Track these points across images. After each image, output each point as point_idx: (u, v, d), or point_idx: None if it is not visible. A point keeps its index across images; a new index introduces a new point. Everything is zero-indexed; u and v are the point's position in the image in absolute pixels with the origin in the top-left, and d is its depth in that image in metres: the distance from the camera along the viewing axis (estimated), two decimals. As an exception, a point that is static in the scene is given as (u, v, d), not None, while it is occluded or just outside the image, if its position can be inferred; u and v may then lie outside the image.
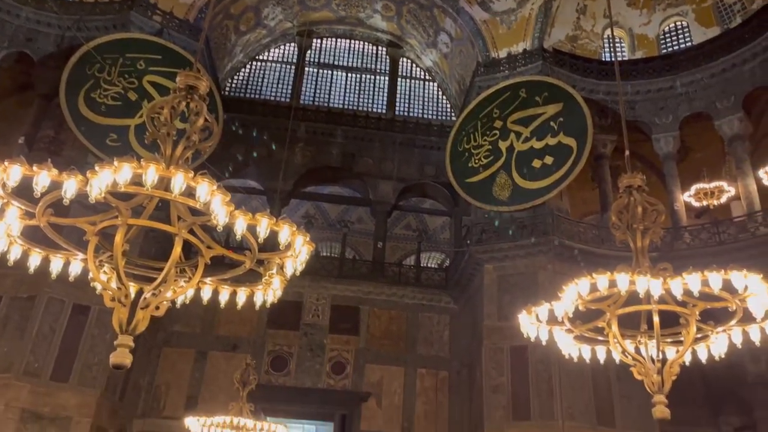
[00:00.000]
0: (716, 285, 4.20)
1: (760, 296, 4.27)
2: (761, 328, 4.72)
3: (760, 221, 18.25)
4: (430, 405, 21.23)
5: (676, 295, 4.35)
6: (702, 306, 4.56)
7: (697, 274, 4.25)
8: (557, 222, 19.20)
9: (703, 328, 4.90)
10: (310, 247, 3.99)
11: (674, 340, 5.09)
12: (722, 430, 20.95)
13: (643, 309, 4.75)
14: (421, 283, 23.27)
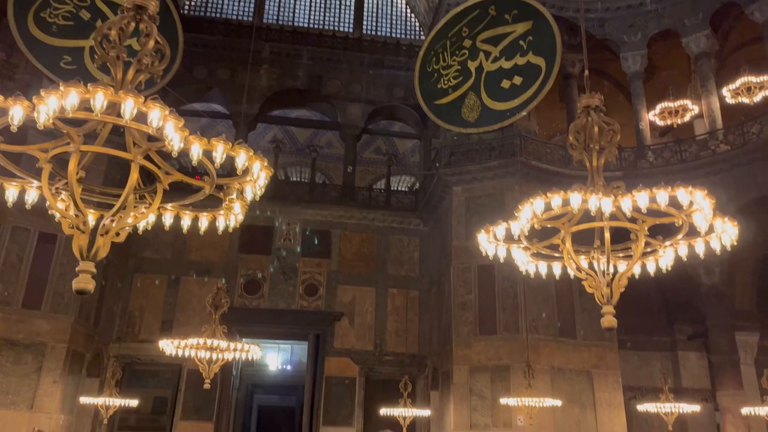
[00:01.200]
0: (663, 201, 4.38)
1: (704, 211, 4.48)
2: (705, 241, 4.98)
3: (720, 139, 18.65)
4: (400, 322, 22.01)
5: (626, 212, 4.52)
6: (651, 222, 4.76)
7: (646, 191, 4.41)
8: (525, 143, 19.36)
9: (652, 242, 5.13)
10: (268, 172, 4.00)
11: (625, 255, 5.32)
12: (676, 337, 22.32)
13: (596, 226, 4.95)
14: (392, 206, 23.52)
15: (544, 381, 16.73)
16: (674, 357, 22.08)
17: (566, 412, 16.80)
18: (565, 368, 17.62)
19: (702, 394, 20.76)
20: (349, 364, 21.10)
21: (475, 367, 17.77)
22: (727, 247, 4.94)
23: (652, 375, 19.75)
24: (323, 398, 20.60)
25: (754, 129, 17.81)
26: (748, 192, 17.96)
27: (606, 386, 17.83)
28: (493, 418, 17.03)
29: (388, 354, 21.50)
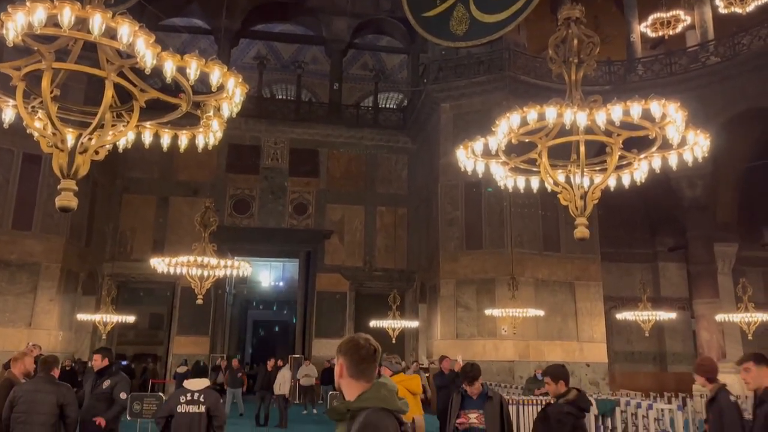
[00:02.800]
0: (636, 114, 4.42)
1: (677, 123, 4.54)
2: (679, 154, 5.07)
3: (711, 51, 18.39)
4: (389, 239, 22.43)
5: (601, 125, 4.57)
6: (626, 135, 4.82)
7: (620, 104, 4.44)
8: (514, 57, 19.03)
9: (627, 155, 5.22)
10: (244, 89, 3.98)
11: (602, 168, 5.42)
12: (657, 249, 22.93)
13: (572, 140, 5.00)
14: (379, 124, 23.35)
15: (527, 292, 17.32)
16: (655, 268, 22.78)
17: (548, 321, 17.52)
18: (549, 280, 18.21)
19: (680, 302, 21.60)
20: (339, 280, 21.67)
21: (461, 280, 18.32)
22: (698, 158, 5.02)
23: (633, 285, 20.41)
24: (315, 312, 21.30)
25: (745, 40, 17.54)
26: (736, 104, 17.93)
27: (587, 296, 18.51)
28: (479, 328, 17.75)
29: (377, 269, 22.04)
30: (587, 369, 17.78)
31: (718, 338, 18.55)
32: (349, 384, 2.07)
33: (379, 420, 1.91)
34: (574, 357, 17.70)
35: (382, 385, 2.05)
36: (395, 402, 2.01)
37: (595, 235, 18.77)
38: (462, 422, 4.46)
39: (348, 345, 2.11)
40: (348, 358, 2.08)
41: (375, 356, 2.10)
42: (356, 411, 1.97)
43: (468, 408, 4.55)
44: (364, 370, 2.07)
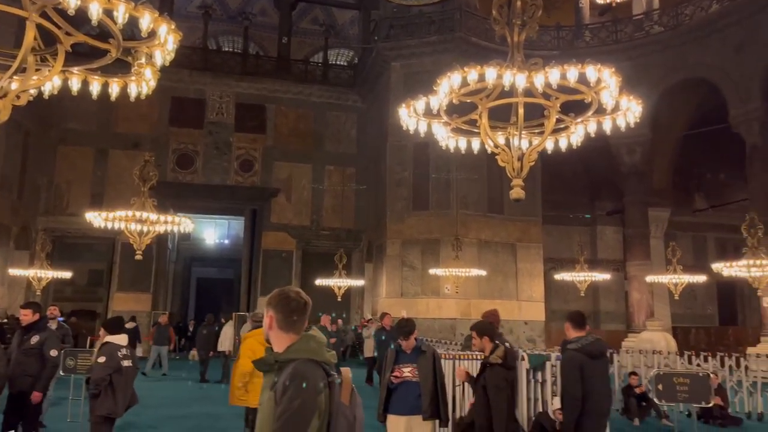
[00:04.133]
0: (573, 78, 4.50)
1: (612, 88, 4.66)
2: (613, 119, 5.21)
3: (655, 20, 18.79)
4: (337, 199, 22.37)
5: (539, 87, 4.63)
6: (563, 98, 4.92)
7: (557, 68, 4.51)
8: (465, 18, 18.92)
9: (565, 119, 5.34)
10: (177, 36, 3.83)
11: (540, 131, 5.52)
12: (596, 213, 23.75)
13: (512, 102, 5.07)
14: (329, 81, 22.97)
15: (471, 253, 17.71)
16: (593, 231, 23.63)
17: (490, 280, 18.01)
18: (492, 241, 18.64)
19: (614, 264, 22.55)
20: (286, 239, 21.57)
21: (407, 240, 18.54)
22: (631, 124, 5.18)
23: (572, 247, 21.14)
24: (261, 270, 21.19)
25: (688, 11, 17.99)
26: (676, 73, 18.48)
27: (528, 257, 19.08)
28: (423, 287, 18.10)
29: (324, 229, 22.03)
30: (525, 327, 18.46)
31: (648, 298, 19.54)
32: (278, 336, 2.08)
33: (307, 370, 1.93)
34: (514, 315, 18.32)
35: (311, 337, 2.07)
36: (323, 354, 2.03)
37: (537, 199, 19.26)
38: (396, 376, 4.58)
39: (278, 298, 2.11)
40: (278, 311, 2.08)
41: (305, 309, 2.10)
42: (285, 362, 1.98)
43: (402, 362, 4.67)
44: (294, 323, 2.07)
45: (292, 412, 1.85)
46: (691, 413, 7.66)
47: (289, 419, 1.85)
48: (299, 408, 1.86)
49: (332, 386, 1.98)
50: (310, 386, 1.90)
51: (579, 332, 4.43)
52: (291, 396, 1.87)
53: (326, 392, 1.95)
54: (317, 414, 1.89)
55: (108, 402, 4.84)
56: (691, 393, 6.26)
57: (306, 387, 1.89)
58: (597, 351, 4.35)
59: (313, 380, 1.92)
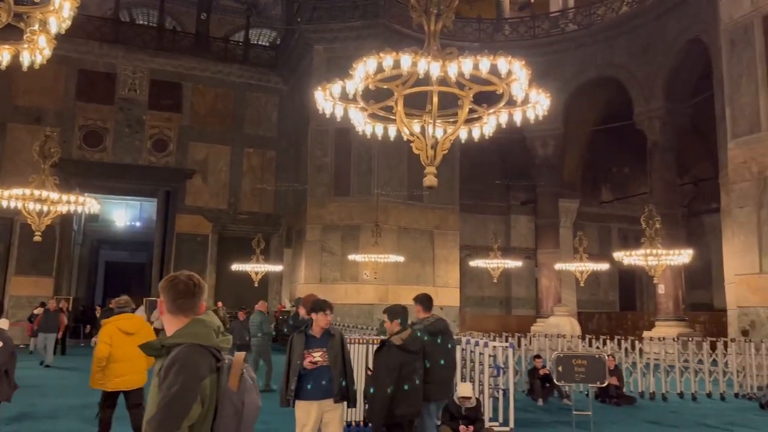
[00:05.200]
0: (485, 68, 4.61)
1: (521, 81, 4.81)
2: (523, 111, 5.38)
3: (570, 18, 19.55)
4: (257, 182, 21.92)
5: (452, 76, 4.71)
6: (476, 89, 5.03)
7: (470, 58, 4.60)
8: (389, 5, 18.92)
9: (478, 110, 5.46)
10: (74, 3, 3.59)
11: (455, 120, 5.62)
12: (511, 203, 24.58)
13: (426, 90, 5.13)
14: (250, 61, 22.38)
15: (390, 239, 17.89)
16: (507, 220, 24.46)
17: (408, 266, 18.28)
18: (411, 228, 18.91)
19: (526, 252, 23.46)
20: (201, 222, 20.94)
21: (327, 226, 18.48)
22: (539, 117, 5.36)
23: (487, 235, 21.81)
24: (174, 254, 20.48)
25: (600, 11, 18.83)
26: (588, 71, 19.35)
27: (445, 244, 19.50)
28: (342, 272, 18.12)
29: (242, 213, 21.55)
30: (441, 312, 18.72)
31: (556, 285, 20.51)
32: (168, 320, 2.04)
33: (188, 356, 1.87)
34: (430, 301, 18.69)
35: (198, 321, 2.00)
36: (211, 338, 1.97)
37: (455, 187, 19.70)
38: (310, 361, 4.55)
39: (166, 282, 2.08)
40: (165, 295, 2.05)
41: (194, 292, 2.05)
42: (170, 347, 1.93)
43: (312, 347, 4.64)
44: (182, 306, 2.03)
45: (170, 398, 1.80)
46: (588, 393, 8.13)
47: (167, 405, 1.80)
48: (177, 394, 1.80)
49: (220, 371, 1.92)
50: (190, 372, 1.84)
51: (426, 314, 4.96)
52: (170, 382, 1.82)
53: (212, 378, 1.89)
54: (199, 400, 1.83)
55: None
56: (587, 374, 6.64)
57: (185, 372, 1.83)
58: (437, 329, 4.94)
59: (194, 366, 1.85)
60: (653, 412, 8.83)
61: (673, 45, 16.66)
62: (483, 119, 5.53)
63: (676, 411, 8.94)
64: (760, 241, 11.75)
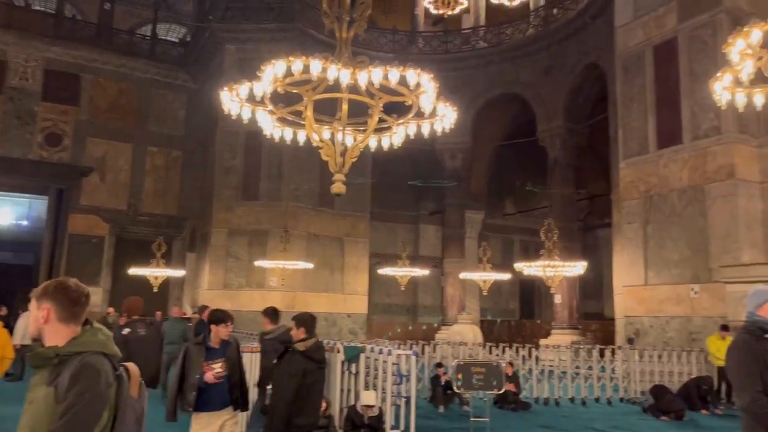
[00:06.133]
0: (394, 79, 4.65)
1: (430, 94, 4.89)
2: (431, 123, 5.48)
3: (481, 36, 20.26)
4: (160, 182, 21.00)
5: (362, 85, 4.72)
6: (386, 99, 5.06)
7: (380, 68, 4.63)
8: (304, 9, 18.80)
9: (388, 120, 5.50)
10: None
11: (365, 129, 5.63)
12: (420, 212, 25.04)
13: (336, 96, 5.10)
14: (157, 56, 21.46)
15: (299, 246, 17.67)
16: (416, 229, 24.88)
17: (317, 273, 18.13)
18: (321, 235, 18.78)
19: (434, 261, 23.93)
20: (98, 223, 19.75)
21: (234, 230, 18.00)
22: (446, 129, 5.47)
23: (396, 243, 22.06)
24: (65, 256, 19.17)
25: (509, 31, 19.66)
26: (496, 88, 20.11)
27: (355, 252, 19.52)
28: (248, 279, 17.69)
29: (143, 214, 20.54)
30: (348, 319, 18.88)
31: (461, 293, 21.07)
32: (57, 329, 1.96)
33: (98, 363, 1.88)
34: (338, 308, 18.65)
35: (99, 330, 2.00)
36: (112, 347, 1.98)
37: (366, 195, 19.80)
38: (214, 375, 4.37)
39: (57, 288, 2.00)
40: (58, 302, 1.97)
41: (86, 301, 2.02)
42: (67, 356, 1.88)
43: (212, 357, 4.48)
44: (77, 314, 1.98)
45: (81, 406, 1.80)
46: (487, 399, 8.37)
47: (79, 413, 1.79)
48: (90, 401, 1.82)
49: (120, 379, 1.95)
50: (102, 379, 1.85)
51: (273, 325, 5.19)
52: (80, 390, 1.80)
53: (114, 386, 1.92)
54: (107, 407, 1.87)
55: None
56: (485, 381, 6.84)
57: (95, 379, 1.84)
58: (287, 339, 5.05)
59: (104, 373, 1.87)
60: (547, 416, 9.23)
61: (573, 68, 17.66)
62: (393, 129, 5.57)
63: (568, 415, 9.39)
64: (646, 255, 12.64)
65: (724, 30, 11.59)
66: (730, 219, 11.34)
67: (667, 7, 12.80)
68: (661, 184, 12.56)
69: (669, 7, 12.76)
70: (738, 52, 3.94)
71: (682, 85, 12.35)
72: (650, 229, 12.67)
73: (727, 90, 4.50)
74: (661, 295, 12.32)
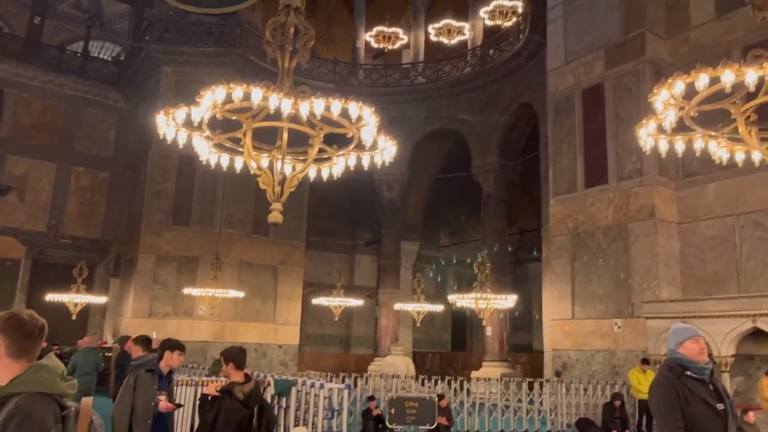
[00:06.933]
0: (336, 111, 4.66)
1: (371, 126, 4.93)
2: (371, 155, 5.51)
3: (420, 71, 20.73)
4: (85, 205, 20.09)
5: (303, 115, 4.70)
6: (327, 130, 5.05)
7: (323, 99, 4.64)
8: (246, 35, 18.73)
9: (328, 150, 5.49)
10: None
11: (304, 158, 5.60)
12: (356, 242, 25.03)
13: (277, 125, 5.05)
14: (88, 74, 20.74)
15: (231, 274, 17.23)
16: (352, 259, 24.81)
17: (248, 302, 17.69)
18: (254, 263, 18.39)
19: (368, 291, 23.89)
20: (14, 245, 18.61)
21: (163, 256, 17.36)
22: (386, 162, 5.51)
23: (331, 273, 21.88)
24: (-25, 280, 17.94)
25: (447, 68, 20.22)
26: (434, 122, 20.54)
27: (289, 281, 19.21)
28: (175, 307, 17.04)
29: (65, 237, 19.54)
30: (279, 350, 18.45)
31: (394, 324, 21.05)
32: (5, 365, 1.79)
33: (33, 407, 1.69)
34: (269, 339, 18.22)
35: (42, 367, 1.80)
36: (57, 385, 1.78)
37: (303, 224, 19.61)
38: (164, 404, 4.16)
39: (8, 320, 1.82)
40: (9, 336, 1.79)
41: (42, 334, 1.86)
42: (7, 397, 1.71)
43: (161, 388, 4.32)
44: (29, 349, 1.82)
45: None
46: (420, 433, 8.31)
47: None
48: None
49: (67, 420, 1.76)
50: (35, 424, 1.67)
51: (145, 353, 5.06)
52: None
53: (58, 428, 1.73)
54: None
55: None
56: (418, 416, 6.80)
57: (29, 425, 1.66)
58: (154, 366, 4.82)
59: (39, 417, 1.68)
60: (477, 450, 9.26)
61: (508, 107, 18.31)
62: (333, 160, 5.56)
63: (498, 449, 9.45)
64: (573, 290, 13.06)
65: (646, 78, 12.37)
66: (651, 257, 11.91)
67: (595, 54, 13.52)
68: (588, 222, 13.08)
69: (597, 55, 13.49)
70: (662, 102, 4.20)
71: (608, 128, 13.00)
72: (577, 264, 13.13)
73: (652, 137, 4.78)
74: (587, 328, 12.72)
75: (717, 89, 3.95)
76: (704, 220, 11.79)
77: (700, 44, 12.25)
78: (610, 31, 13.37)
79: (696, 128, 4.55)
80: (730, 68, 3.81)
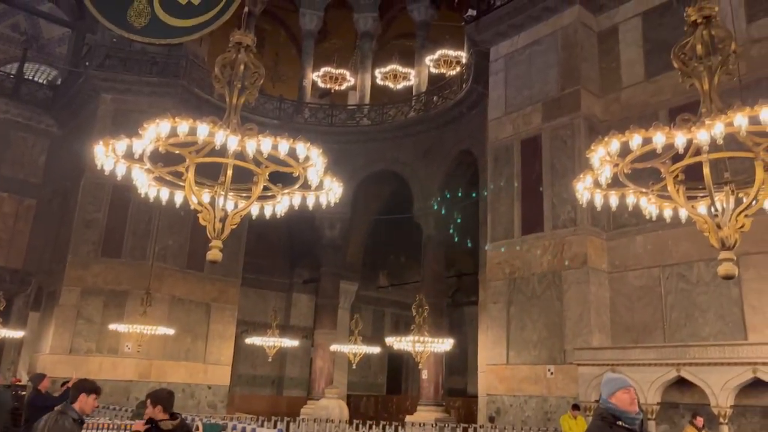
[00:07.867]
0: (284, 150, 4.64)
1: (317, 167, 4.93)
2: (316, 195, 5.49)
3: (365, 113, 21.02)
4: (6, 232, 19.03)
5: (250, 153, 4.65)
6: (273, 168, 5.02)
7: (270, 137, 4.61)
8: (191, 67, 18.54)
9: (273, 188, 5.43)
10: None
11: (248, 195, 5.51)
12: (294, 280, 24.65)
13: (221, 161, 4.98)
14: (21, 97, 19.95)
15: (161, 310, 16.56)
16: (289, 297, 24.38)
17: (178, 340, 17.00)
18: (186, 299, 17.78)
19: (304, 331, 23.46)
20: None
21: (89, 289, 16.53)
22: (331, 203, 5.50)
23: (267, 311, 21.37)
24: None
25: (392, 112, 20.59)
26: (377, 164, 20.74)
27: (222, 319, 18.61)
28: (99, 343, 16.17)
29: (-19, 266, 18.37)
30: (208, 391, 17.73)
31: (330, 366, 20.64)
32: None
33: None
34: (198, 379, 17.50)
35: None
36: None
37: (239, 260, 19.18)
38: None
39: None
40: None
41: None
42: None
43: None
44: None
45: None
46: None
47: None
48: None
49: None
50: None
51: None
52: None
53: None
54: None
55: None
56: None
57: None
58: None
59: None
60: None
61: (449, 153, 18.74)
62: (277, 198, 5.50)
63: (431, 496, 9.31)
64: (508, 335, 13.25)
65: (581, 132, 12.97)
66: (583, 304, 12.27)
67: (533, 107, 14.11)
68: (524, 268, 13.40)
69: (535, 107, 14.08)
70: (599, 158, 4.41)
71: (544, 178, 13.49)
72: (513, 309, 13.36)
73: (588, 190, 4.99)
74: (521, 374, 12.87)
75: (649, 149, 4.18)
76: (633, 270, 12.28)
77: (631, 104, 12.99)
78: (547, 86, 14.02)
79: (629, 184, 4.78)
80: (662, 131, 4.05)
